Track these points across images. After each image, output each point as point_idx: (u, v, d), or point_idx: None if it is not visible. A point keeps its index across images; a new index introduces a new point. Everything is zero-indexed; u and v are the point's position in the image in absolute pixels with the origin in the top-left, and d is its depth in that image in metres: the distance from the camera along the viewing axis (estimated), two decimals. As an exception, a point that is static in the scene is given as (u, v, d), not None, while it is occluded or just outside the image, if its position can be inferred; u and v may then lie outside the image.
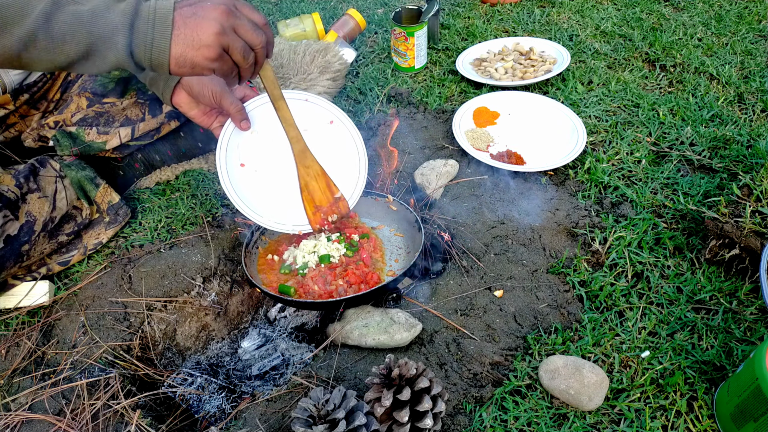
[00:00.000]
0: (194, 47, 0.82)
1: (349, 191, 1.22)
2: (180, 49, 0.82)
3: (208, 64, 0.84)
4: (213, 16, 0.82)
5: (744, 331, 1.05)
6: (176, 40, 0.81)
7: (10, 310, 1.16)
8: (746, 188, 1.17)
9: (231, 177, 1.16)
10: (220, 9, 0.82)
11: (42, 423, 0.98)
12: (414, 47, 1.77)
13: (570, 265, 1.19)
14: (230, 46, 0.84)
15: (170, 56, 0.82)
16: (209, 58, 0.83)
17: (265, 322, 1.26)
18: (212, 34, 0.81)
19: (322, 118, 1.22)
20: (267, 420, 0.98)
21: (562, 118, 1.54)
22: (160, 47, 0.81)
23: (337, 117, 1.22)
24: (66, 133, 1.27)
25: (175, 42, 0.81)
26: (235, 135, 1.17)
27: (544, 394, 0.98)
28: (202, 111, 1.18)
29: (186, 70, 0.84)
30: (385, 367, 0.91)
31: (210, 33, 0.81)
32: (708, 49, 1.82)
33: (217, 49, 0.83)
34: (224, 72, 0.87)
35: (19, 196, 1.13)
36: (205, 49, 0.82)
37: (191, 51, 0.82)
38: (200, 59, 0.83)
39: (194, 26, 0.81)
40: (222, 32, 0.82)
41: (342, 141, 1.22)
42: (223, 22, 0.82)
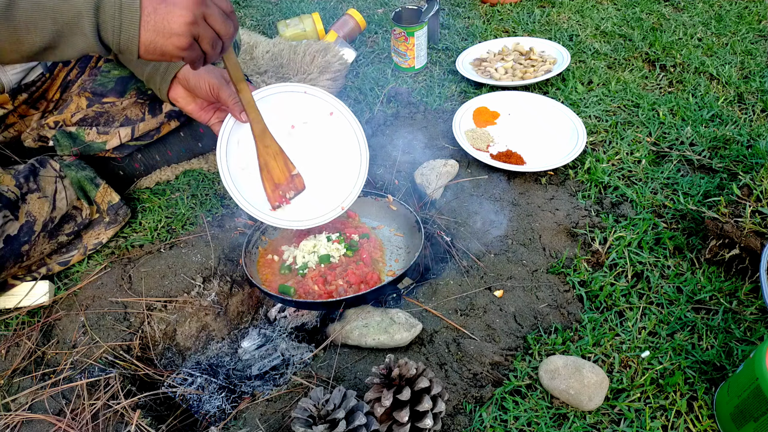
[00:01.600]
0: (165, 35, 0.81)
1: (351, 181, 1.22)
2: (150, 36, 0.81)
3: (178, 53, 0.83)
4: (184, 4, 0.80)
5: (744, 331, 1.05)
6: (145, 26, 0.80)
7: (10, 310, 1.16)
8: (746, 188, 1.17)
9: (232, 174, 1.15)
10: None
11: (42, 423, 0.98)
12: (414, 47, 1.77)
13: (570, 265, 1.19)
14: (200, 36, 0.83)
15: (139, 42, 0.81)
16: (180, 47, 0.82)
17: (265, 322, 1.26)
18: (183, 24, 0.80)
19: (322, 109, 1.21)
20: (267, 420, 0.98)
21: (562, 118, 1.54)
22: (129, 33, 0.80)
23: (337, 108, 1.22)
24: (66, 133, 1.27)
25: (144, 28, 0.80)
26: (236, 130, 1.16)
27: (544, 394, 0.98)
28: (199, 106, 1.17)
29: (155, 56, 0.83)
30: (385, 367, 0.91)
31: (181, 22, 0.80)
32: (708, 49, 1.82)
33: (188, 38, 0.82)
34: (192, 59, 0.86)
35: (19, 196, 1.13)
36: (176, 38, 0.81)
37: (161, 39, 0.81)
38: (170, 48, 0.82)
39: (165, 14, 0.80)
40: (193, 22, 0.81)
41: (343, 132, 1.22)
42: (194, 11, 0.81)
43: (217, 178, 1.48)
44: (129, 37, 0.80)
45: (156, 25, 0.80)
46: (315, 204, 1.20)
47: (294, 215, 1.19)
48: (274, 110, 1.16)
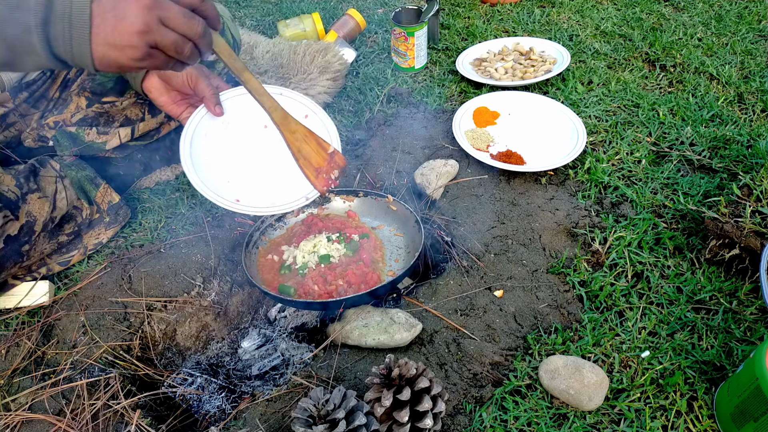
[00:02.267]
0: (117, 48, 0.74)
1: None
2: (102, 50, 0.74)
3: (135, 64, 0.77)
4: (134, 12, 0.73)
5: (744, 331, 1.05)
6: (96, 39, 0.73)
7: (10, 310, 1.16)
8: (746, 188, 1.17)
9: (195, 164, 1.12)
10: (142, 2, 0.74)
11: (42, 423, 0.98)
12: (414, 47, 1.77)
13: (570, 265, 1.19)
14: (159, 42, 0.76)
15: (92, 57, 0.75)
16: (135, 59, 0.76)
17: (265, 322, 1.26)
18: (134, 33, 0.73)
19: (297, 111, 1.21)
20: (267, 420, 0.98)
21: (562, 118, 1.54)
22: (81, 48, 0.74)
23: (312, 110, 1.21)
24: (66, 133, 1.27)
25: (95, 42, 0.74)
26: (205, 122, 1.13)
27: (544, 394, 0.98)
28: (171, 99, 1.11)
29: (112, 69, 0.77)
30: (385, 367, 0.91)
31: (132, 32, 0.73)
32: (708, 49, 1.82)
33: (142, 48, 0.75)
34: (159, 66, 0.80)
35: (19, 196, 1.13)
36: (129, 50, 0.74)
37: (114, 52, 0.74)
38: (125, 60, 0.76)
39: (114, 24, 0.73)
40: (146, 30, 0.74)
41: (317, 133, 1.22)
42: (146, 18, 0.73)
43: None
44: (81, 51, 0.74)
45: (106, 38, 0.74)
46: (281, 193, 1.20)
47: (258, 203, 1.17)
48: (247, 110, 1.16)
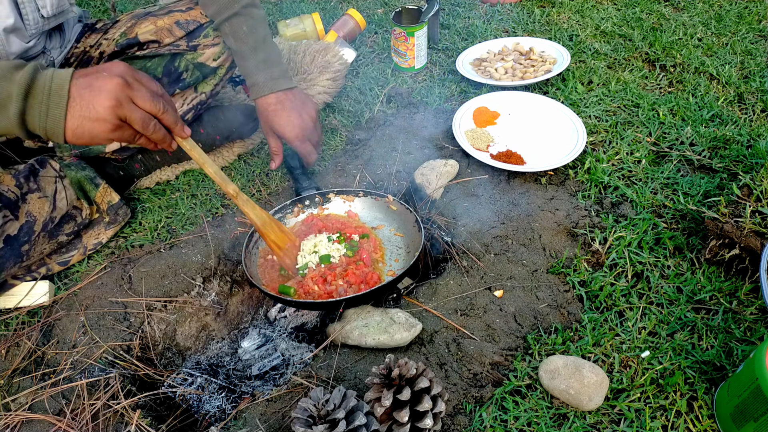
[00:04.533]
0: (90, 119, 0.83)
1: None
2: (76, 122, 0.83)
3: (106, 135, 0.85)
4: (108, 88, 0.82)
5: (744, 331, 1.05)
6: (72, 112, 0.82)
7: (10, 310, 1.16)
8: (746, 188, 1.17)
9: None
10: (116, 81, 0.83)
11: (42, 423, 0.98)
12: (414, 47, 1.77)
13: (570, 265, 1.19)
14: (128, 117, 0.85)
15: (66, 128, 0.83)
16: (106, 130, 0.84)
17: (265, 322, 1.26)
18: (108, 107, 0.82)
19: None
20: (267, 420, 0.98)
21: (562, 118, 1.54)
22: (55, 118, 0.82)
23: None
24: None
25: (71, 114, 0.82)
26: None
27: (544, 394, 0.98)
28: None
29: (84, 140, 0.85)
30: (385, 367, 0.91)
31: (106, 106, 0.82)
32: (708, 49, 1.82)
33: (114, 121, 0.84)
34: (127, 139, 0.88)
35: (19, 196, 1.13)
36: (102, 122, 0.83)
37: (88, 123, 0.83)
38: (98, 131, 0.84)
39: (90, 99, 0.82)
40: (118, 105, 0.83)
41: None
42: (118, 95, 0.83)
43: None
44: (54, 120, 0.82)
45: (81, 110, 0.82)
46: None
47: None
48: None
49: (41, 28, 1.19)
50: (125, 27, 1.31)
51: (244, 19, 1.28)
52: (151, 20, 1.30)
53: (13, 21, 1.11)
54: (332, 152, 1.56)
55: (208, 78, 1.36)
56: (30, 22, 1.16)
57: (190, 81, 1.33)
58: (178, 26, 1.29)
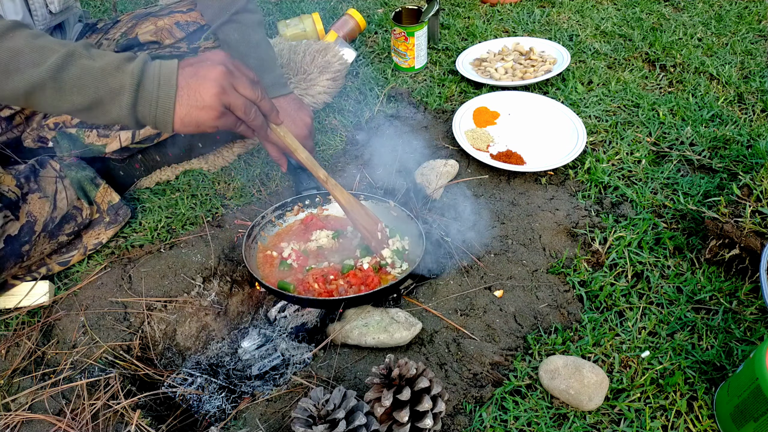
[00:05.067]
0: (198, 107, 0.86)
1: None
2: (184, 110, 0.86)
3: (212, 123, 0.88)
4: (213, 76, 0.86)
5: (744, 331, 1.05)
6: (180, 101, 0.86)
7: (10, 310, 1.16)
8: (746, 188, 1.17)
9: None
10: (219, 69, 0.87)
11: (42, 423, 0.98)
12: (414, 47, 1.77)
13: (570, 265, 1.19)
14: (232, 104, 0.89)
15: (174, 116, 0.86)
16: (213, 117, 0.88)
17: (265, 322, 1.26)
18: (214, 95, 0.86)
19: None
20: (267, 420, 0.98)
21: (562, 118, 1.54)
22: (165, 107, 0.86)
23: None
24: (66, 135, 1.27)
25: (179, 103, 0.86)
26: None
27: (544, 394, 0.98)
28: None
29: (191, 128, 0.88)
30: (385, 367, 0.91)
31: (212, 94, 0.86)
32: (708, 49, 1.82)
33: (219, 108, 0.87)
34: (230, 126, 0.91)
35: (19, 196, 1.13)
36: (208, 110, 0.87)
37: (195, 111, 0.86)
38: (205, 118, 0.87)
39: (196, 87, 0.86)
40: (223, 92, 0.86)
41: None
42: (222, 82, 0.86)
43: (218, 178, 1.48)
44: (164, 110, 0.86)
45: (189, 99, 0.86)
46: None
47: None
48: None
49: (48, 24, 1.19)
50: (126, 27, 1.31)
51: (236, 26, 1.27)
52: (152, 21, 1.30)
53: (21, 16, 1.12)
54: (332, 152, 1.56)
55: None
56: (39, 18, 1.16)
57: None
58: (179, 27, 1.29)
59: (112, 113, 0.85)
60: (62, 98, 0.84)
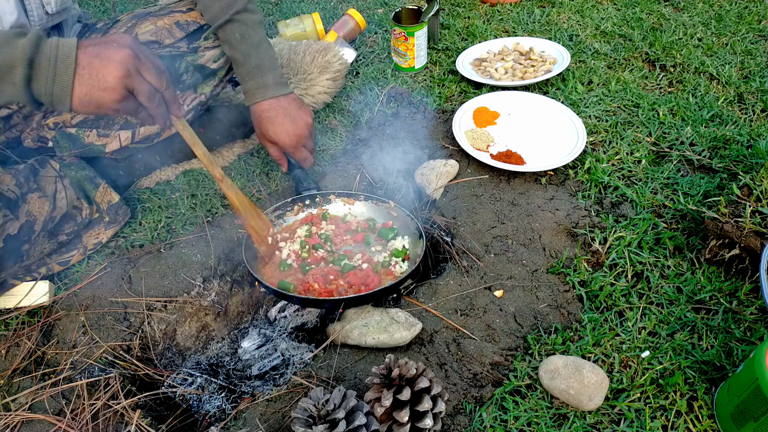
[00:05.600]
0: (99, 88, 0.84)
1: None
2: (85, 90, 0.83)
3: (113, 105, 0.86)
4: (118, 58, 0.84)
5: (744, 331, 1.05)
6: (80, 80, 0.83)
7: (10, 310, 1.16)
8: (746, 188, 1.17)
9: None
10: (125, 52, 0.85)
11: (42, 423, 0.98)
12: (414, 47, 1.77)
13: (570, 265, 1.19)
14: (135, 88, 0.87)
15: (73, 94, 0.84)
16: (114, 100, 0.85)
17: (265, 322, 1.26)
18: (117, 77, 0.84)
19: None
20: (267, 420, 0.98)
21: (562, 118, 1.54)
22: (63, 84, 0.83)
23: None
24: (66, 135, 1.27)
25: (79, 82, 0.83)
26: None
27: (544, 394, 0.98)
28: None
29: (91, 109, 0.86)
30: (385, 367, 0.91)
31: (116, 75, 0.83)
32: (708, 49, 1.82)
33: (122, 91, 0.85)
34: (129, 111, 0.89)
35: (19, 196, 1.13)
36: (110, 91, 0.84)
37: (96, 92, 0.84)
38: (106, 100, 0.85)
39: (99, 67, 0.83)
40: (127, 75, 0.84)
41: None
42: (128, 65, 0.84)
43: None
44: (62, 87, 0.83)
45: (91, 78, 0.83)
46: None
47: None
48: None
49: (45, 25, 1.19)
50: (125, 27, 1.31)
51: (237, 26, 1.27)
52: (152, 20, 1.30)
53: (17, 16, 1.12)
54: (332, 152, 1.56)
55: (208, 80, 1.36)
56: (35, 19, 1.16)
57: (190, 82, 1.33)
58: (179, 27, 1.29)
59: (6, 91, 0.83)
60: None
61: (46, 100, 0.85)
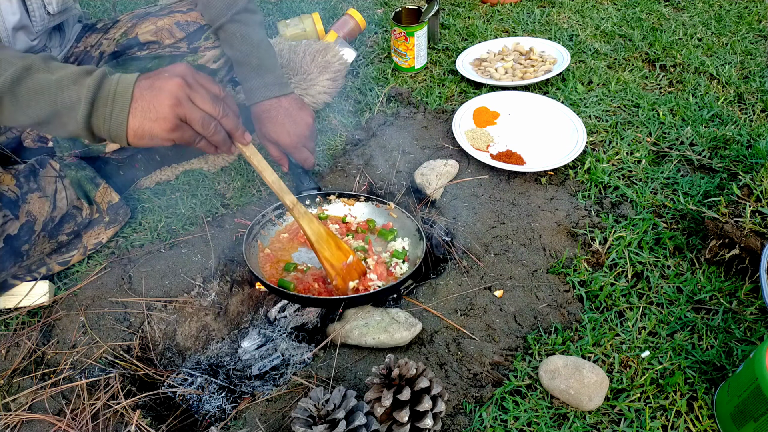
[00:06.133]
0: (151, 119, 0.84)
1: None
2: (138, 122, 0.84)
3: (166, 135, 0.86)
4: (169, 88, 0.84)
5: (744, 331, 1.05)
6: (134, 113, 0.84)
7: (10, 310, 1.16)
8: (746, 188, 1.17)
9: None
10: (176, 81, 0.85)
11: (42, 423, 0.98)
12: (414, 47, 1.77)
13: (570, 265, 1.19)
14: (188, 117, 0.86)
15: (128, 128, 0.84)
16: (166, 129, 0.85)
17: (265, 322, 1.26)
18: (168, 106, 0.84)
19: None
20: (267, 420, 0.98)
21: (562, 118, 1.54)
22: (119, 120, 0.84)
23: None
24: (66, 134, 1.27)
25: (133, 115, 0.84)
26: None
27: (544, 394, 0.98)
28: None
29: (145, 141, 0.86)
30: (385, 367, 0.91)
31: (166, 105, 0.84)
32: (708, 49, 1.82)
33: (173, 120, 0.85)
34: (186, 141, 0.88)
35: (19, 196, 1.13)
36: (162, 121, 0.84)
37: (148, 123, 0.84)
38: (158, 130, 0.85)
39: (151, 99, 0.84)
40: (177, 104, 0.84)
41: None
42: (178, 94, 0.84)
43: (217, 178, 1.48)
44: (118, 123, 0.84)
45: (143, 110, 0.84)
46: None
47: None
48: None
49: (47, 25, 1.19)
50: (126, 27, 1.31)
51: (238, 26, 1.27)
52: (152, 20, 1.30)
53: (19, 17, 1.12)
54: (332, 152, 1.56)
55: None
56: (36, 19, 1.16)
57: None
58: (179, 27, 1.29)
59: (69, 126, 0.85)
60: (19, 111, 0.83)
61: (105, 136, 0.86)
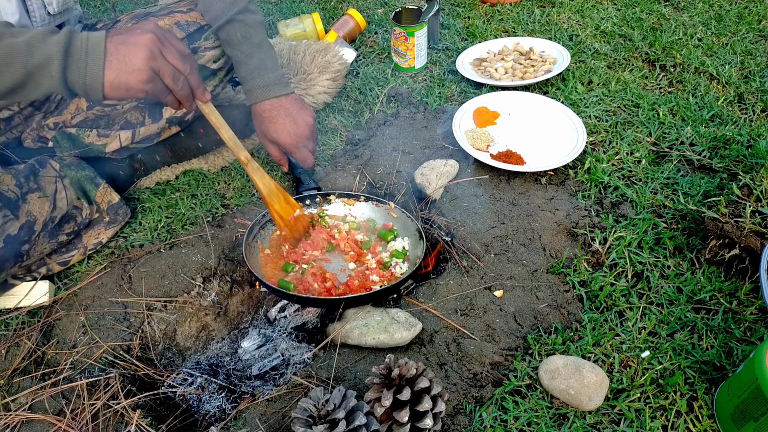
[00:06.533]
0: (127, 71, 0.89)
1: None
2: (114, 74, 0.89)
3: (141, 86, 0.90)
4: (143, 42, 0.89)
5: (744, 331, 1.05)
6: (109, 65, 0.88)
7: (10, 310, 1.16)
8: (746, 188, 1.17)
9: None
10: (149, 36, 0.90)
11: (42, 423, 0.98)
12: (414, 47, 1.77)
13: (570, 265, 1.19)
14: (161, 70, 0.91)
15: (104, 80, 0.89)
16: (141, 81, 0.90)
17: (265, 322, 1.26)
18: (143, 59, 0.89)
19: None
20: (267, 420, 0.98)
21: (562, 118, 1.54)
22: (94, 73, 0.88)
23: None
24: (66, 135, 1.27)
25: (109, 67, 0.88)
26: None
27: (544, 394, 0.98)
28: None
29: (121, 93, 0.90)
30: (385, 367, 0.91)
31: (141, 57, 0.89)
32: (708, 49, 1.82)
33: (148, 72, 0.90)
34: (157, 93, 0.94)
35: (19, 196, 1.13)
36: (137, 73, 0.89)
37: (125, 75, 0.89)
38: (133, 82, 0.90)
39: (125, 52, 0.89)
40: (151, 57, 0.90)
41: None
42: (152, 48, 0.90)
43: (218, 178, 1.48)
44: (94, 75, 0.88)
45: (119, 63, 0.89)
46: None
47: None
48: None
49: (47, 26, 1.19)
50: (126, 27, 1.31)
51: (239, 26, 1.28)
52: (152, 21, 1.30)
53: (18, 17, 1.12)
54: (332, 152, 1.56)
55: (208, 80, 1.36)
56: (36, 19, 1.17)
57: None
58: (179, 27, 1.29)
59: (44, 84, 0.87)
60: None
61: (80, 90, 0.89)
